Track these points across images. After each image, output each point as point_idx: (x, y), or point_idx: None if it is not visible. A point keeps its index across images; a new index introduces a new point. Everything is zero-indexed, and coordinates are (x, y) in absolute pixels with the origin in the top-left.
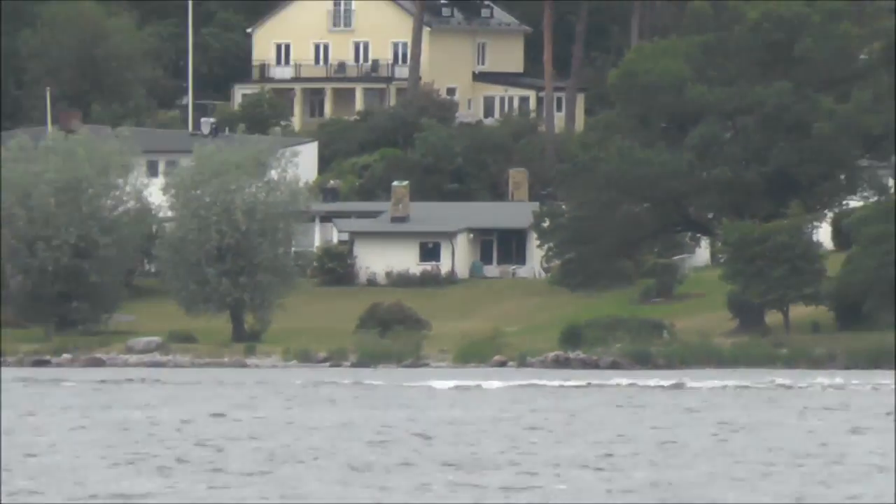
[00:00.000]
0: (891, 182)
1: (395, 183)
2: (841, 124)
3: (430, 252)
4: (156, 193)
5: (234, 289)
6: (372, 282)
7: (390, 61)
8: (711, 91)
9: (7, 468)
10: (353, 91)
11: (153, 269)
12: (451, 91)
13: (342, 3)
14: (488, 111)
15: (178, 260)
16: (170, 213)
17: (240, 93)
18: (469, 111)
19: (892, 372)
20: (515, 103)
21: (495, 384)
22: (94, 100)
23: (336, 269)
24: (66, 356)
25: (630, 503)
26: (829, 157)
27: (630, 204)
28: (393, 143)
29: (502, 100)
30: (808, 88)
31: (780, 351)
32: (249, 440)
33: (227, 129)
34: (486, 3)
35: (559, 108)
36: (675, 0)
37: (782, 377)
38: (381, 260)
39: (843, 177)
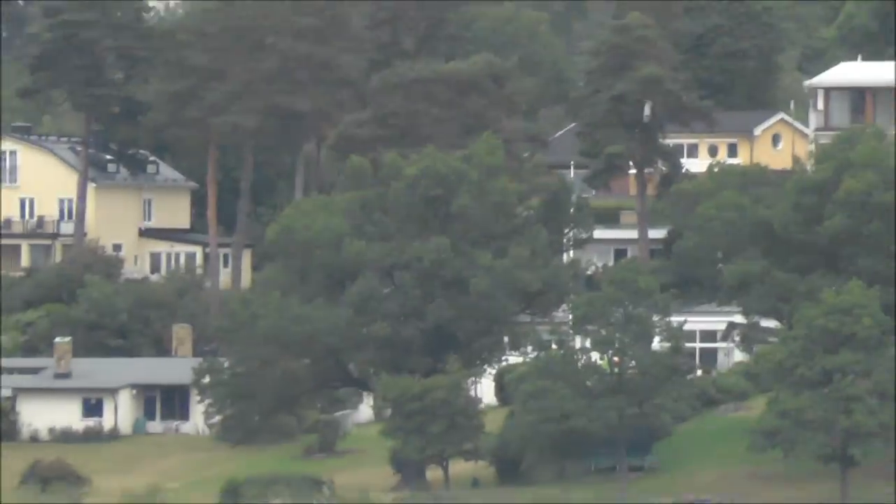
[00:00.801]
0: (550, 338)
1: (57, 339)
2: (498, 280)
3: (92, 408)
4: None
5: None
6: (35, 438)
7: (56, 217)
8: (370, 246)
9: None
10: (18, 247)
11: None
12: (117, 247)
13: (7, 158)
14: (155, 267)
15: None
16: None
17: None
18: (136, 267)
19: None
20: (182, 259)
21: None
22: None
23: None
24: None
25: None
26: (487, 313)
27: (289, 360)
28: (58, 300)
29: (168, 256)
30: (465, 244)
31: None
32: None
33: None
34: (152, 159)
35: (226, 264)
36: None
37: None
38: (43, 416)
39: (504, 333)
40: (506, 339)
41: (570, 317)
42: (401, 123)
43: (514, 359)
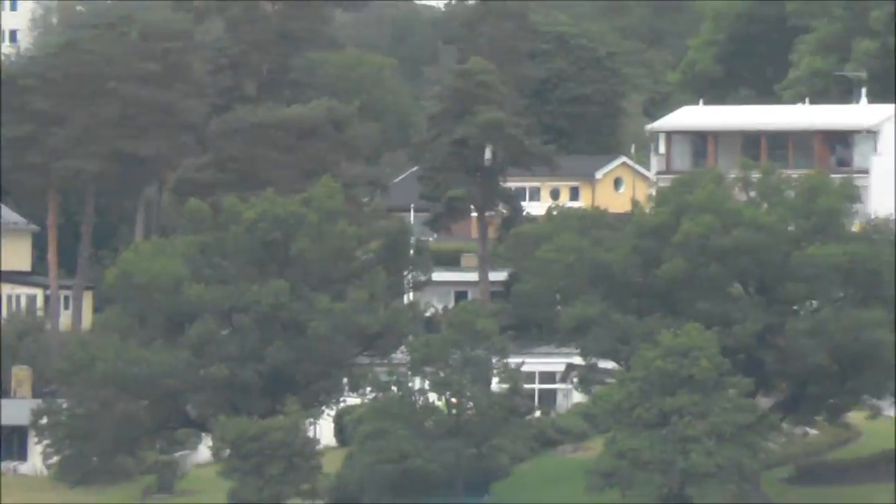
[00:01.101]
0: (388, 380)
1: None
2: (337, 323)
3: None
4: None
5: None
6: None
7: None
8: (208, 290)
9: None
10: None
11: None
12: None
13: None
14: None
15: None
16: None
17: None
18: None
19: None
20: (23, 302)
21: None
22: None
23: None
24: None
25: None
26: (325, 356)
27: (128, 401)
28: None
29: (9, 298)
30: (304, 287)
31: None
32: None
33: None
34: None
35: (67, 307)
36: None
37: None
38: None
39: (342, 375)
40: (344, 380)
41: (409, 358)
42: (240, 167)
43: (352, 400)
